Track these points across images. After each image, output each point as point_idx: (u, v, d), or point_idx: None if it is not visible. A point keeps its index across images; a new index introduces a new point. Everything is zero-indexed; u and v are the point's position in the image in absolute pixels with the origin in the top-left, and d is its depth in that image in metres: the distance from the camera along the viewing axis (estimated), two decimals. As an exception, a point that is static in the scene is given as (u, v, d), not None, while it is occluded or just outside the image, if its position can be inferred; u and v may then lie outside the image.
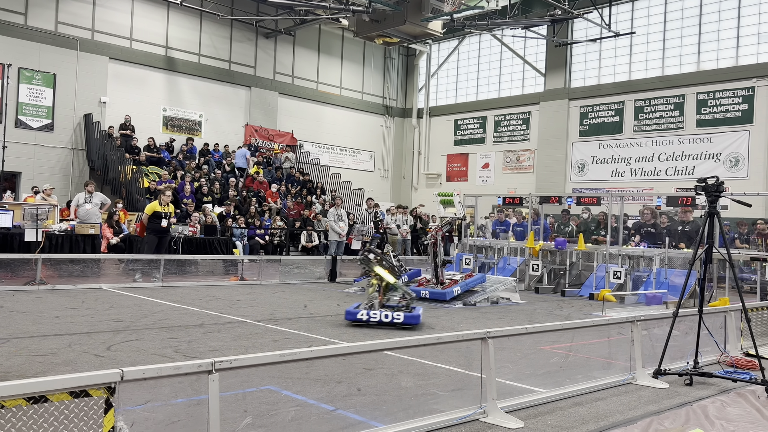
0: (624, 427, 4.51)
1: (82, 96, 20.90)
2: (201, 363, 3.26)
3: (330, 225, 17.25)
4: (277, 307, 9.98)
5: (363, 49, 29.06)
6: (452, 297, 11.41)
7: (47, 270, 11.52)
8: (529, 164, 26.14)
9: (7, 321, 7.66)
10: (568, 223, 16.14)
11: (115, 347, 6.36)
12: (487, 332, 4.65)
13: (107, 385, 2.90)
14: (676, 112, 22.22)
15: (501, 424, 4.40)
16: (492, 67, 27.93)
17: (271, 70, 26.00)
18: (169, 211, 13.36)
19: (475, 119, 28.11)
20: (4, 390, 2.61)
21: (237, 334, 7.43)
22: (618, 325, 6.37)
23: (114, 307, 9.13)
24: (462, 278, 12.16)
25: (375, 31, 21.26)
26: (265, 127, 25.55)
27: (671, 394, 5.52)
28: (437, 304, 11.13)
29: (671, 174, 22.10)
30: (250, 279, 13.81)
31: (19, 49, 19.66)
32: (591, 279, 13.78)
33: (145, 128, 21.85)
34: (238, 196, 20.20)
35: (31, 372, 5.22)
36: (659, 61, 22.85)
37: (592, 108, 24.29)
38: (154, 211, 13.10)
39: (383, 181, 30.23)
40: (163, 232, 13.31)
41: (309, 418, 4.44)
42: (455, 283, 11.81)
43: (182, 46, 23.45)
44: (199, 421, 3.37)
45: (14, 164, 19.02)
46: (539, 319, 9.86)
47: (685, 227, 13.80)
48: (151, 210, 13.13)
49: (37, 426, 2.68)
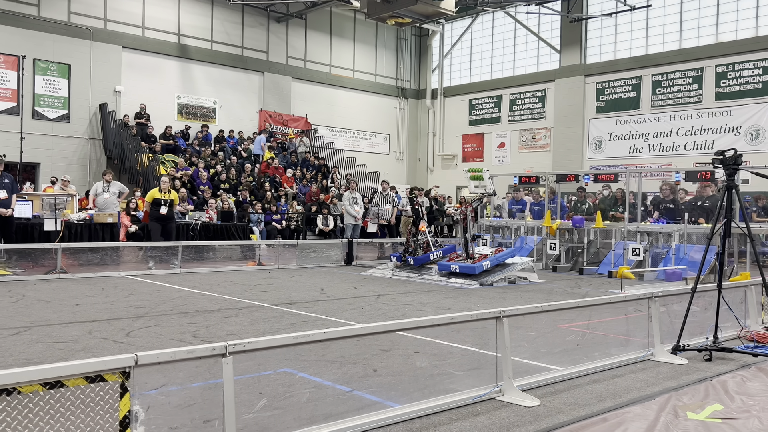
0: (642, 403, 4.48)
1: (97, 86, 21.01)
2: (215, 346, 3.28)
3: (345, 208, 17.26)
4: (295, 291, 10.03)
5: (375, 30, 28.86)
6: (482, 271, 11.42)
7: (67, 259, 11.66)
8: (545, 143, 25.92)
9: (29, 309, 7.78)
10: (584, 201, 15.99)
11: (134, 333, 6.43)
12: (502, 311, 4.63)
13: (122, 369, 2.92)
14: (694, 85, 21.85)
15: (517, 402, 4.39)
16: (506, 45, 27.62)
17: (283, 55, 25.93)
18: (170, 198, 13.38)
19: (489, 98, 27.87)
20: (21, 376, 2.64)
21: (254, 318, 7.49)
22: (636, 302, 6.31)
23: (133, 294, 9.23)
24: (491, 253, 12.20)
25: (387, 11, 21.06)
26: (279, 112, 25.54)
27: (690, 370, 5.48)
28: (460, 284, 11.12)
29: (690, 149, 21.79)
30: (268, 264, 13.88)
31: (33, 41, 19.78)
32: (609, 257, 13.68)
33: (160, 116, 21.95)
34: (254, 182, 20.26)
35: (51, 359, 5.30)
36: (676, 34, 22.45)
37: (609, 84, 23.96)
38: (153, 198, 13.24)
39: (398, 163, 30.14)
40: (165, 219, 13.34)
41: (325, 399, 4.46)
42: (485, 257, 11.83)
43: (194, 33, 23.45)
44: (214, 404, 3.40)
45: (33, 155, 19.22)
46: (556, 297, 9.81)
47: (704, 202, 13.61)
48: (150, 197, 13.28)
49: (54, 411, 2.71)
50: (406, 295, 9.78)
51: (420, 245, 12.71)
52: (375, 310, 8.32)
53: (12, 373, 2.62)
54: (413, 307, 8.58)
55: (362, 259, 15.12)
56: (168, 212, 13.43)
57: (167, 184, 13.62)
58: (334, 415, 3.99)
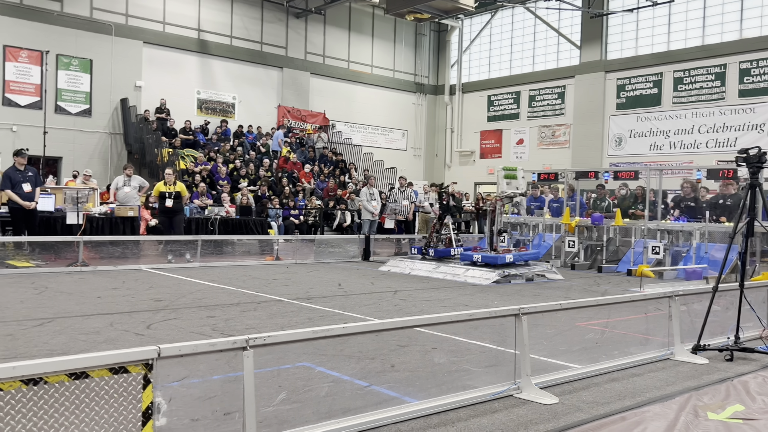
0: (662, 402, 4.45)
1: (118, 81, 21.23)
2: (236, 340, 3.31)
3: (363, 204, 17.29)
4: (312, 285, 10.08)
5: (394, 26, 28.83)
6: (504, 263, 11.40)
7: (89, 252, 11.81)
8: (564, 139, 25.74)
9: (52, 301, 7.90)
10: (604, 198, 15.86)
11: (154, 326, 6.51)
12: (520, 308, 4.62)
13: (145, 361, 2.96)
14: (717, 82, 21.57)
15: (535, 400, 4.39)
16: (526, 40, 27.45)
17: (302, 50, 26.00)
18: (176, 191, 13.33)
19: (508, 94, 27.73)
20: (48, 366, 2.69)
21: (273, 312, 7.54)
22: (656, 301, 6.27)
23: (153, 287, 9.33)
24: (516, 250, 12.20)
25: (406, 7, 21.05)
26: (298, 107, 25.62)
27: (711, 370, 5.43)
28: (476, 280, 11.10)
29: (712, 146, 21.53)
30: (285, 258, 13.96)
31: (56, 36, 20.02)
32: (629, 255, 13.57)
33: (180, 111, 22.12)
34: (272, 177, 20.35)
35: (74, 350, 5.38)
36: (699, 30, 22.17)
37: (630, 80, 23.73)
38: (159, 191, 13.30)
39: (416, 159, 30.12)
40: (172, 212, 13.33)
41: (343, 393, 4.49)
42: (509, 251, 11.82)
43: (214, 29, 23.59)
44: (235, 397, 3.44)
45: (55, 149, 19.48)
46: (575, 295, 9.76)
47: (726, 200, 13.45)
48: (156, 191, 13.36)
49: (79, 401, 2.76)
50: (423, 291, 9.79)
51: (442, 240, 12.81)
52: (392, 305, 8.34)
53: (39, 363, 2.67)
54: (430, 303, 8.58)
55: (379, 254, 15.14)
56: (174, 204, 13.35)
57: (171, 177, 13.57)
58: (352, 409, 4.01)
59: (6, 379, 2.58)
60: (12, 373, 2.59)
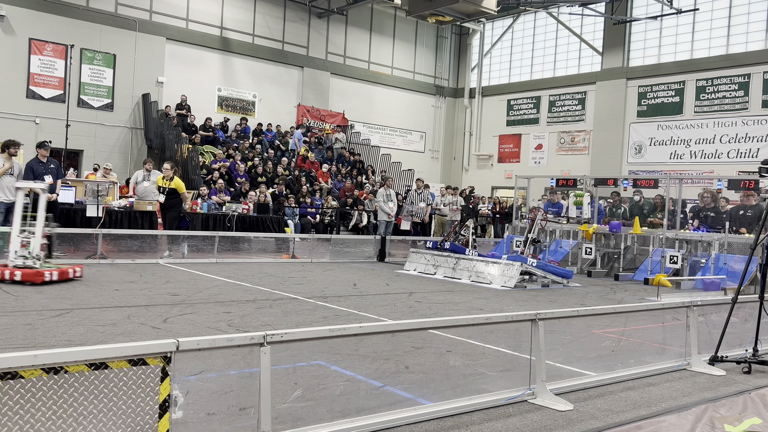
0: (678, 413, 4.41)
1: (140, 76, 21.43)
2: (253, 335, 3.33)
3: (379, 205, 17.30)
4: (327, 284, 10.11)
5: (415, 28, 28.83)
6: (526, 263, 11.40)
7: (107, 245, 11.92)
8: (583, 145, 25.59)
9: (70, 293, 7.99)
10: (619, 206, 15.74)
11: (171, 320, 6.56)
12: (537, 314, 4.60)
13: (164, 354, 2.99)
14: (740, 92, 21.34)
15: (550, 406, 4.36)
16: (547, 45, 27.34)
17: (323, 50, 26.08)
18: (171, 187, 12.83)
19: (528, 99, 27.63)
20: (68, 356, 2.73)
21: (288, 310, 7.57)
22: (673, 310, 6.22)
23: (170, 282, 9.41)
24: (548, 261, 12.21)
25: (428, 9, 21.06)
26: (317, 107, 25.70)
27: (728, 382, 5.37)
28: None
29: (733, 156, 21.30)
30: (301, 257, 14.00)
31: (81, 31, 20.25)
32: (646, 263, 13.46)
33: (201, 108, 22.28)
34: (290, 176, 20.44)
35: (92, 341, 5.44)
36: (723, 39, 21.94)
37: (651, 88, 23.54)
38: (158, 185, 12.83)
39: (433, 161, 30.09)
40: (167, 208, 12.89)
41: (357, 393, 4.49)
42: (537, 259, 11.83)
43: (237, 27, 23.74)
44: (251, 392, 3.46)
45: (77, 142, 19.70)
46: (591, 302, 9.70)
47: (746, 211, 13.30)
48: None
49: (98, 391, 2.79)
50: (438, 294, 9.77)
51: (460, 240, 12.85)
52: (407, 307, 8.34)
53: (60, 353, 2.71)
54: (445, 306, 8.57)
55: (394, 256, 15.15)
56: (167, 201, 12.88)
57: (169, 172, 13.04)
58: (366, 409, 4.02)
59: (28, 367, 2.62)
60: (33, 362, 2.63)
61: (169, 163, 13.57)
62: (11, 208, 10.91)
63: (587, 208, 12.69)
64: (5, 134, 17.12)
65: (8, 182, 10.96)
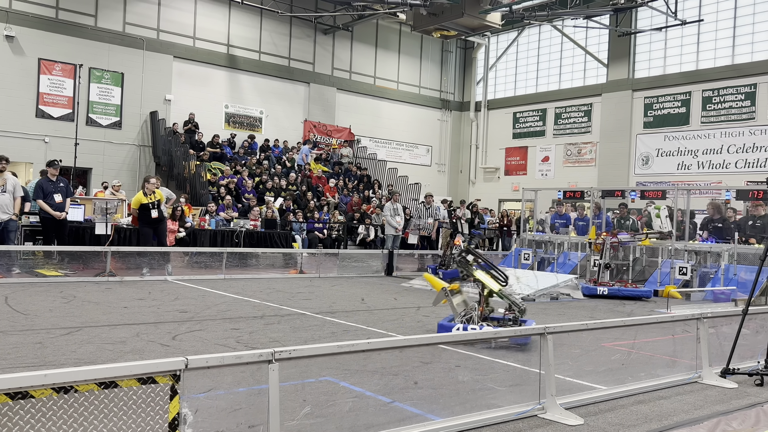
0: (689, 426, 4.38)
1: (148, 94, 21.61)
2: (261, 353, 3.34)
3: (387, 219, 17.30)
4: (335, 300, 10.10)
5: (420, 43, 28.98)
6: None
7: (116, 262, 11.96)
8: (590, 157, 25.57)
9: (80, 310, 8.02)
10: (627, 217, 15.69)
11: (180, 337, 6.57)
12: (546, 327, 4.59)
13: (173, 372, 3.00)
14: (747, 102, 21.30)
15: (560, 421, 4.34)
16: (552, 58, 27.41)
17: (329, 66, 26.24)
18: (157, 200, 12.41)
19: (534, 112, 27.66)
20: (78, 375, 2.74)
21: (296, 325, 7.56)
22: (683, 323, 6.18)
23: (179, 299, 9.43)
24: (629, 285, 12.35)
25: (432, 24, 21.18)
26: (324, 122, 25.82)
27: (740, 395, 5.32)
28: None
29: (741, 167, 21.21)
30: (309, 272, 14.00)
31: (89, 50, 20.47)
32: (655, 275, 13.38)
33: (208, 125, 22.43)
34: (297, 191, 20.50)
35: (101, 359, 5.45)
36: (729, 49, 21.94)
37: (657, 99, 23.54)
38: (140, 203, 12.30)
39: (440, 175, 30.11)
40: (156, 222, 12.52)
41: (366, 409, 4.48)
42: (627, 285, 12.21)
43: (243, 44, 23.94)
44: (260, 410, 3.45)
45: (85, 160, 19.85)
46: (600, 315, 9.65)
47: (756, 222, 13.23)
48: (137, 203, 12.35)
49: (108, 410, 2.80)
50: (446, 308, 9.73)
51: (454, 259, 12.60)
52: (415, 321, 8.32)
53: (69, 372, 2.72)
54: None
55: (402, 270, 15.13)
56: (159, 214, 12.54)
57: (153, 186, 12.42)
58: (375, 425, 4.00)
59: (38, 387, 2.63)
60: (44, 381, 2.64)
61: (154, 177, 13.11)
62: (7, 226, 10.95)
63: (666, 220, 12.67)
64: (15, 153, 17.31)
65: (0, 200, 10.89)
